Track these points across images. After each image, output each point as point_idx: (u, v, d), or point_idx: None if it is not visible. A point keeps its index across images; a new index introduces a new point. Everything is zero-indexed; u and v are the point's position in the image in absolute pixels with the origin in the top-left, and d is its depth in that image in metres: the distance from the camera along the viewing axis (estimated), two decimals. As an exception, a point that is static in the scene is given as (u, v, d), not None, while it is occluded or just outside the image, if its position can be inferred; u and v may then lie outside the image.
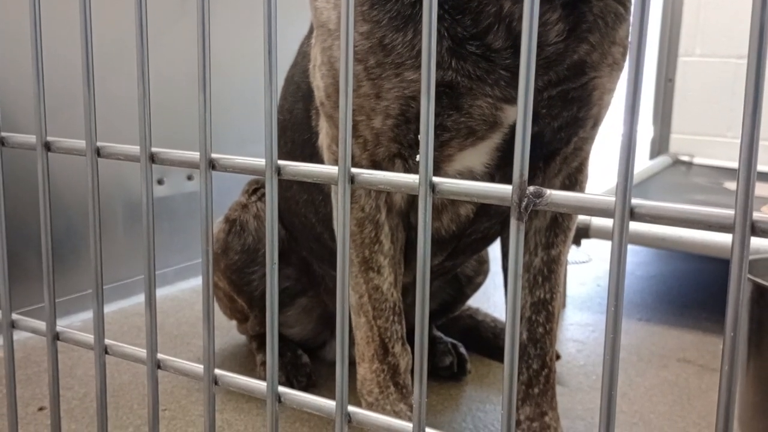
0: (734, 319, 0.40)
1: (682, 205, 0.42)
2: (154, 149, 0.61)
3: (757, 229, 0.40)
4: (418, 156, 0.49)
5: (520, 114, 0.45)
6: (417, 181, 0.49)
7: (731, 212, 0.40)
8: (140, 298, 1.73)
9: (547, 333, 1.02)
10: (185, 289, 1.83)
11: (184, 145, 0.66)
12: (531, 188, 0.46)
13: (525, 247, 1.02)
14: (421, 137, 0.48)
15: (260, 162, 0.56)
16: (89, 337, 0.65)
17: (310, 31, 1.09)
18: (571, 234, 1.04)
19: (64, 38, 1.43)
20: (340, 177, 0.51)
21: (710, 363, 1.47)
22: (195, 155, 0.59)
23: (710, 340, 1.59)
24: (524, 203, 0.46)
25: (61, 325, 0.69)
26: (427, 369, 1.36)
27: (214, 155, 0.58)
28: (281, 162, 0.55)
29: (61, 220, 1.57)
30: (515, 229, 0.46)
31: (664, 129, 2.74)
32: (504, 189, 0.47)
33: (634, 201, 0.43)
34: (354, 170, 0.51)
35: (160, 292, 1.78)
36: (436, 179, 0.49)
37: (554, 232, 1.02)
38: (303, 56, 1.12)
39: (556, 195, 0.46)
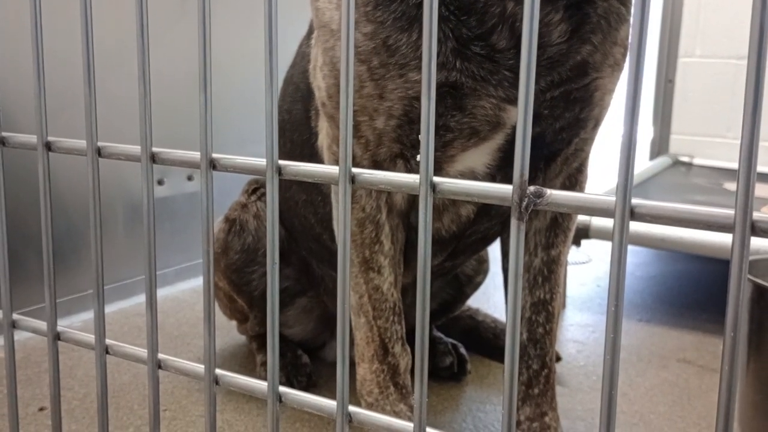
0: (734, 319, 0.40)
1: (682, 205, 0.43)
2: (154, 149, 0.61)
3: (757, 229, 0.40)
4: (419, 156, 0.49)
5: (521, 114, 0.45)
6: (418, 180, 0.49)
7: (731, 212, 0.40)
8: (140, 299, 1.73)
9: (547, 333, 1.02)
10: (185, 290, 1.83)
11: (184, 145, 0.66)
12: (531, 188, 0.46)
13: (525, 247, 1.02)
14: (422, 137, 0.48)
15: (261, 162, 0.56)
16: (90, 337, 0.65)
17: (309, 32, 1.09)
18: (571, 234, 1.04)
19: (65, 38, 1.44)
20: (341, 177, 0.51)
21: (710, 363, 1.47)
22: (196, 155, 0.59)
23: (710, 341, 1.59)
24: (525, 203, 0.46)
25: (62, 325, 0.69)
26: (428, 369, 1.36)
27: (214, 155, 0.58)
28: (282, 162, 0.55)
29: (61, 220, 1.57)
30: (516, 229, 0.46)
31: (664, 130, 2.74)
32: (504, 189, 0.47)
33: (635, 201, 0.43)
34: (355, 170, 0.52)
35: (161, 293, 1.78)
36: (436, 179, 0.49)
37: (554, 233, 1.02)
38: (302, 57, 1.12)
39: (557, 195, 0.46)
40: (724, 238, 1.55)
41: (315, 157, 1.07)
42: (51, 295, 0.66)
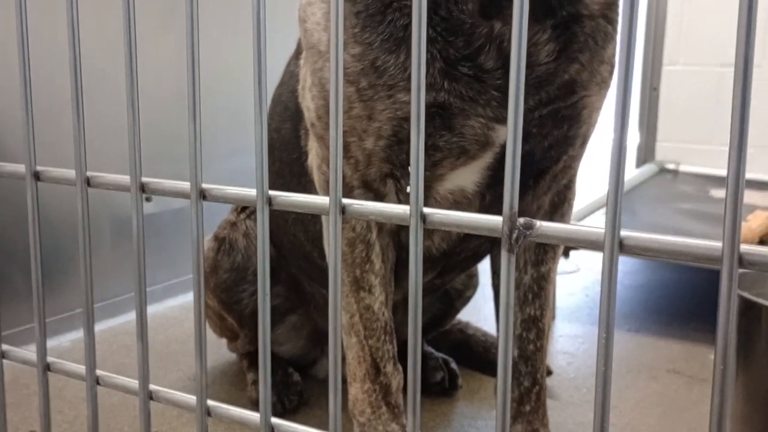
0: (724, 350, 0.41)
1: (671, 238, 0.43)
2: (144, 179, 0.60)
3: (744, 262, 0.40)
4: (409, 188, 0.49)
5: (509, 146, 0.46)
6: (408, 212, 0.50)
7: (719, 245, 0.41)
8: (129, 317, 1.72)
9: (538, 350, 1.02)
10: (174, 306, 1.83)
11: (172, 160, 0.66)
12: (521, 220, 0.46)
13: (514, 265, 1.02)
14: (411, 169, 0.48)
15: (251, 192, 0.56)
16: (81, 368, 0.65)
17: (298, 51, 1.09)
18: (560, 250, 1.05)
19: (53, 64, 1.43)
20: (332, 208, 0.51)
21: (699, 373, 1.48)
22: (186, 185, 0.59)
23: (699, 351, 1.60)
24: (515, 235, 0.46)
25: (50, 345, 0.69)
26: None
27: (204, 186, 0.58)
28: (272, 193, 0.55)
29: (48, 238, 1.56)
30: (506, 261, 0.46)
31: (650, 137, 2.76)
32: (494, 220, 0.47)
33: (623, 233, 0.43)
34: (345, 201, 0.52)
35: (149, 310, 1.76)
36: (427, 210, 0.49)
37: (543, 249, 1.03)
38: (290, 76, 1.12)
39: (546, 227, 0.46)
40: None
41: (305, 176, 1.07)
42: (41, 326, 0.65)
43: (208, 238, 1.32)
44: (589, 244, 0.45)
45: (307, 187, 1.07)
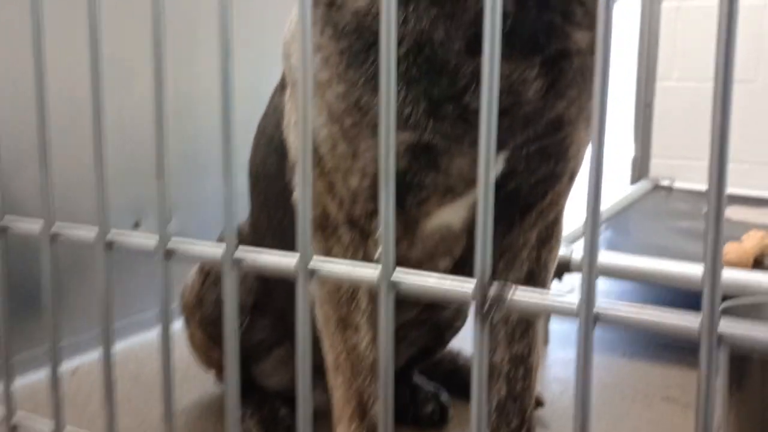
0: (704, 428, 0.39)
1: (646, 311, 0.41)
2: (110, 235, 0.59)
3: (724, 341, 0.39)
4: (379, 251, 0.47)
5: (480, 215, 0.44)
6: (377, 276, 0.48)
7: (697, 323, 0.39)
8: (122, 345, 1.69)
9: (526, 388, 1.00)
10: (164, 333, 1.80)
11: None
12: (493, 290, 0.45)
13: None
14: (382, 235, 0.47)
15: (219, 251, 0.54)
16: (49, 426, 0.63)
17: (282, 84, 1.08)
18: (551, 276, 1.03)
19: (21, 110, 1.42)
20: (300, 274, 0.50)
21: (695, 401, 1.45)
22: (152, 241, 0.57)
23: (695, 377, 1.57)
24: (486, 306, 0.45)
25: (38, 377, 0.67)
26: (408, 417, 1.32)
27: (172, 243, 0.56)
28: (240, 253, 0.53)
29: (35, 261, 1.54)
30: (479, 332, 0.45)
31: (644, 153, 2.75)
32: (466, 292, 0.45)
33: (597, 308, 0.42)
34: (313, 265, 0.50)
35: (138, 339, 1.75)
36: (396, 277, 0.47)
37: (533, 282, 1.01)
38: (274, 109, 1.10)
39: (519, 298, 0.45)
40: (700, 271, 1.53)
41: (290, 210, 1.06)
42: (7, 383, 0.63)
43: (193, 271, 1.30)
44: (565, 313, 0.44)
45: (292, 225, 1.06)
